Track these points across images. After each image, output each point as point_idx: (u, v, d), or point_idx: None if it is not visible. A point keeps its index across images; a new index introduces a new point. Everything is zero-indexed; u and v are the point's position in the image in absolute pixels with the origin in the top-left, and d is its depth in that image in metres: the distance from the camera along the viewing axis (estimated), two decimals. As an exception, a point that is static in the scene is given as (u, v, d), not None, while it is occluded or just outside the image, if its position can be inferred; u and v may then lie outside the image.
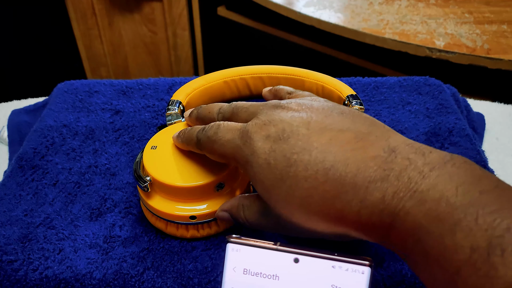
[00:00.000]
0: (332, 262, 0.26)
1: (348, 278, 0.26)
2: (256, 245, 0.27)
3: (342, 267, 0.26)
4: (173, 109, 0.46)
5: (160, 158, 0.39)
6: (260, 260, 0.27)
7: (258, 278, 0.27)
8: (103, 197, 0.44)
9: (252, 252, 0.27)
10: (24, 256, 0.38)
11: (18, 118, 0.58)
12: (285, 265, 0.27)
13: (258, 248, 0.27)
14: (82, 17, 1.39)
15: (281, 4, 1.08)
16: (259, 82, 0.55)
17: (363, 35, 0.96)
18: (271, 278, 0.27)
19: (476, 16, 1.02)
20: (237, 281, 0.27)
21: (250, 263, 0.27)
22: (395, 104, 0.56)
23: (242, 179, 0.41)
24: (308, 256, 0.27)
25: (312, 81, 0.53)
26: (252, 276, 0.27)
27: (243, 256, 0.27)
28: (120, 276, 0.37)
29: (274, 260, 0.27)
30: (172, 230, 0.39)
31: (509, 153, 0.57)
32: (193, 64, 1.48)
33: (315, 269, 0.26)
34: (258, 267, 0.27)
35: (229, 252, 0.27)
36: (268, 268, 0.27)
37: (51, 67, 1.50)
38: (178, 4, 1.34)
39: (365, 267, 0.26)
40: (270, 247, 0.27)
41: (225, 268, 0.27)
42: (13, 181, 0.45)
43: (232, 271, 0.27)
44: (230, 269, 0.27)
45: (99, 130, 0.52)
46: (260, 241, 0.27)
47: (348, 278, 0.26)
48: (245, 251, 0.27)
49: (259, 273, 0.27)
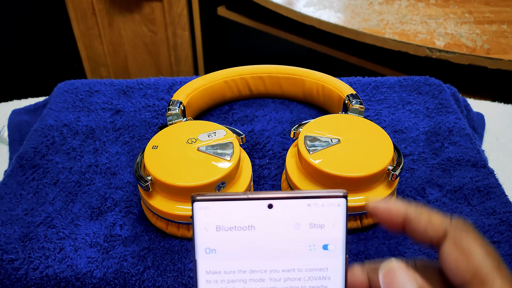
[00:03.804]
0: (307, 200, 0.25)
1: (325, 213, 0.25)
2: (225, 199, 0.25)
3: (318, 204, 0.25)
4: (174, 109, 0.47)
5: (161, 158, 0.39)
6: (231, 213, 0.25)
7: (232, 233, 0.25)
8: (103, 196, 0.44)
9: (222, 207, 0.25)
10: (25, 255, 0.38)
11: (18, 118, 0.58)
12: (259, 214, 0.25)
13: (227, 202, 0.25)
14: (82, 17, 1.39)
15: (281, 4, 1.08)
16: (259, 82, 0.55)
17: (363, 35, 0.96)
18: (246, 230, 0.25)
19: (476, 16, 1.02)
20: (211, 240, 0.25)
21: (222, 218, 0.25)
22: (395, 103, 0.56)
23: (242, 179, 0.41)
24: (282, 199, 0.25)
25: (312, 81, 0.53)
26: (226, 231, 0.25)
27: (213, 213, 0.25)
28: (121, 275, 0.37)
29: (247, 210, 0.25)
30: (173, 230, 0.40)
31: (509, 152, 0.57)
32: (193, 64, 1.48)
33: (291, 211, 0.25)
34: (231, 221, 0.25)
35: (197, 211, 0.25)
36: (241, 220, 0.25)
37: (51, 67, 1.50)
38: (178, 4, 1.34)
39: (340, 199, 0.25)
40: (240, 197, 0.25)
41: (195, 230, 0.25)
42: (13, 180, 0.45)
43: (204, 231, 0.25)
44: (202, 229, 0.25)
45: (99, 130, 0.52)
46: (228, 194, 0.25)
47: (325, 213, 0.25)
48: (214, 207, 0.25)
49: (233, 227, 0.25)
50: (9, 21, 1.33)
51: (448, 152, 0.49)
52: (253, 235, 0.26)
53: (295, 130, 0.43)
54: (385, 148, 0.40)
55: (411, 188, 0.45)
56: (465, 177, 0.46)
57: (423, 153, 0.49)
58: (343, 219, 0.26)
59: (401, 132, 0.52)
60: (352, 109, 0.47)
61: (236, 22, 1.33)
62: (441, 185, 0.45)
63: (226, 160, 0.39)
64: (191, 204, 0.25)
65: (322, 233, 0.26)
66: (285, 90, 0.55)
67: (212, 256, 0.26)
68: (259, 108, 0.55)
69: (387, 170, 0.39)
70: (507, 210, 0.42)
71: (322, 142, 0.41)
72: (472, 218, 0.42)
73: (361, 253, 0.39)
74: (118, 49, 1.48)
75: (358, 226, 0.40)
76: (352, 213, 0.39)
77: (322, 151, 0.40)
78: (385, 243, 0.40)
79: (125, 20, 1.41)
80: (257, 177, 0.46)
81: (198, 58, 1.48)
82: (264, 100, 0.57)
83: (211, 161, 0.39)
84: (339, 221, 0.26)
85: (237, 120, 0.54)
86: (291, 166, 0.42)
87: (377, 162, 0.39)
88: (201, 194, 0.25)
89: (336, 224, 0.26)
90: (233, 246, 0.26)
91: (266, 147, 0.50)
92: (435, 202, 0.43)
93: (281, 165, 0.48)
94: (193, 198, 0.25)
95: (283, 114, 0.54)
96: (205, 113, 0.55)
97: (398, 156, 0.41)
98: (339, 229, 0.26)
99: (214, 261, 0.26)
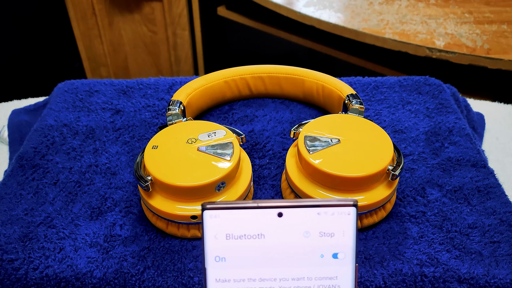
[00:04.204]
0: (317, 209, 0.25)
1: (335, 222, 0.25)
2: (235, 207, 0.25)
3: (328, 212, 0.25)
4: (174, 109, 0.47)
5: (161, 158, 0.39)
6: (241, 221, 0.25)
7: (242, 241, 0.25)
8: (103, 196, 0.44)
9: (231, 215, 0.25)
10: (25, 255, 0.38)
11: (18, 118, 0.58)
12: (269, 222, 0.25)
13: (237, 210, 0.25)
14: (82, 17, 1.39)
15: (281, 4, 1.08)
16: (259, 82, 0.55)
17: (363, 35, 0.96)
18: (256, 238, 0.25)
19: (476, 16, 1.02)
20: (221, 248, 0.25)
21: (232, 227, 0.25)
22: (395, 103, 0.56)
23: (242, 179, 0.41)
24: (292, 208, 0.25)
25: (312, 81, 0.53)
26: (236, 240, 0.25)
27: (223, 221, 0.25)
28: (121, 275, 0.37)
29: (257, 218, 0.25)
30: (173, 230, 0.40)
31: (509, 152, 0.57)
32: (193, 64, 1.48)
33: (301, 220, 0.25)
34: (240, 230, 0.25)
35: (207, 219, 0.25)
36: (251, 228, 0.25)
37: (51, 67, 1.50)
38: (178, 4, 1.34)
39: (351, 208, 0.25)
40: (250, 206, 0.25)
41: (205, 238, 0.25)
42: (13, 180, 0.45)
43: (214, 239, 0.25)
44: (212, 237, 0.25)
45: (99, 130, 0.52)
46: (238, 202, 0.25)
47: (335, 222, 0.25)
48: (224, 215, 0.25)
49: (243, 235, 0.25)
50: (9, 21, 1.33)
51: (448, 152, 0.49)
52: (263, 244, 0.26)
53: (295, 130, 0.43)
54: (385, 148, 0.40)
55: (411, 188, 0.45)
56: (465, 177, 0.46)
57: (423, 153, 0.49)
58: (353, 227, 0.25)
59: (401, 132, 0.52)
60: (352, 109, 0.47)
61: (236, 22, 1.33)
62: (441, 185, 0.45)
63: (226, 160, 0.39)
64: (201, 212, 0.25)
65: (332, 241, 0.26)
66: (285, 90, 0.56)
67: (222, 265, 0.26)
68: (259, 108, 0.55)
69: (387, 170, 0.39)
70: (507, 210, 0.42)
71: (322, 142, 0.41)
72: (472, 218, 0.42)
73: (361, 253, 0.39)
74: (118, 49, 1.48)
75: (358, 226, 0.40)
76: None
77: (322, 151, 0.40)
78: (385, 243, 0.40)
79: (125, 20, 1.41)
80: (257, 177, 0.46)
81: (198, 58, 1.48)
82: (264, 100, 0.57)
83: (211, 161, 0.39)
84: (349, 230, 0.26)
85: (237, 120, 0.54)
86: (291, 166, 0.42)
87: (377, 162, 0.39)
88: (211, 203, 0.25)
89: (346, 233, 0.26)
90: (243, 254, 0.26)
91: (266, 147, 0.50)
92: (435, 202, 0.43)
93: (281, 165, 0.48)
94: (203, 207, 0.25)
95: (283, 114, 0.54)
96: (205, 113, 0.55)
97: (398, 156, 0.41)
98: (349, 238, 0.26)
99: (223, 270, 0.26)
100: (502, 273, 0.37)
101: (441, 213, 0.42)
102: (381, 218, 0.41)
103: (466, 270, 0.37)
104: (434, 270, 0.37)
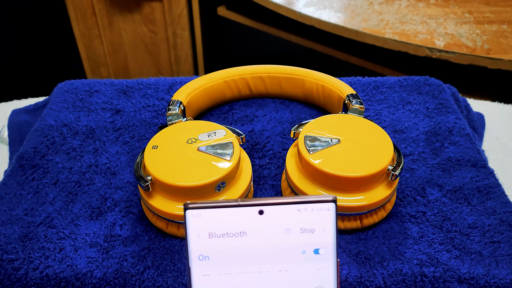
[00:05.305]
0: (297, 206, 0.26)
1: (315, 218, 0.26)
2: (216, 206, 0.26)
3: (308, 209, 0.26)
4: (174, 109, 0.47)
5: (161, 158, 0.39)
6: (223, 220, 0.26)
7: (225, 239, 0.26)
8: (103, 196, 0.44)
9: (214, 214, 0.26)
10: (25, 255, 0.38)
11: (18, 118, 0.58)
12: (250, 220, 0.26)
13: (219, 209, 0.26)
14: (82, 17, 1.39)
15: (281, 4, 1.08)
16: (259, 82, 0.55)
17: (363, 35, 0.96)
18: (238, 236, 0.26)
19: (476, 16, 1.02)
20: (204, 247, 0.26)
21: (214, 225, 0.26)
22: (395, 103, 0.56)
23: (242, 179, 0.41)
24: (272, 205, 0.26)
25: (312, 81, 0.53)
26: (219, 238, 0.26)
27: (205, 220, 0.26)
28: (121, 275, 0.37)
29: (238, 217, 0.26)
30: (173, 230, 0.40)
31: (509, 153, 0.57)
32: (193, 64, 1.48)
33: (281, 217, 0.26)
34: (223, 228, 0.26)
35: (189, 219, 0.26)
36: (233, 226, 0.26)
37: (51, 67, 1.50)
38: (178, 4, 1.34)
39: (330, 204, 0.26)
40: (232, 204, 0.26)
41: (188, 237, 0.26)
42: (13, 180, 0.45)
43: (197, 238, 0.26)
44: (194, 237, 0.26)
45: (99, 130, 0.52)
46: (220, 201, 0.26)
47: (315, 218, 0.26)
48: (207, 214, 0.26)
49: (225, 234, 0.26)
50: (9, 21, 1.33)
51: (448, 152, 0.49)
52: (245, 241, 0.26)
53: (295, 130, 0.43)
54: (385, 148, 0.40)
55: (411, 188, 0.45)
56: (465, 177, 0.46)
57: (423, 153, 0.49)
58: (333, 223, 0.26)
59: (401, 132, 0.52)
60: (352, 109, 0.47)
61: (236, 22, 1.33)
62: (441, 185, 0.45)
63: (226, 160, 0.39)
64: (183, 212, 0.25)
65: (312, 237, 0.26)
66: (285, 90, 0.56)
67: (206, 263, 0.26)
68: (259, 108, 0.55)
69: (387, 170, 0.39)
70: (507, 210, 0.42)
71: (322, 142, 0.41)
72: (472, 218, 0.42)
73: (361, 253, 0.39)
74: (118, 49, 1.48)
75: (358, 226, 0.40)
76: (352, 213, 0.39)
77: (322, 151, 0.40)
78: (385, 243, 0.40)
79: (125, 20, 1.41)
80: (257, 177, 0.46)
81: (198, 58, 1.48)
82: (264, 100, 0.57)
83: (211, 161, 0.39)
84: (329, 225, 0.26)
85: (237, 120, 0.54)
86: (291, 166, 0.42)
87: (377, 162, 0.39)
88: (193, 202, 0.26)
89: (326, 228, 0.26)
90: (226, 252, 0.26)
91: (266, 147, 0.50)
92: (435, 202, 0.43)
93: (281, 165, 0.48)
94: (185, 206, 0.26)
95: (283, 114, 0.54)
96: (205, 113, 0.55)
97: (398, 156, 0.41)
98: (329, 233, 0.26)
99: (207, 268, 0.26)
100: (502, 273, 0.37)
101: (441, 213, 0.42)
102: (381, 218, 0.41)
103: (466, 270, 0.37)
104: (434, 270, 0.37)
